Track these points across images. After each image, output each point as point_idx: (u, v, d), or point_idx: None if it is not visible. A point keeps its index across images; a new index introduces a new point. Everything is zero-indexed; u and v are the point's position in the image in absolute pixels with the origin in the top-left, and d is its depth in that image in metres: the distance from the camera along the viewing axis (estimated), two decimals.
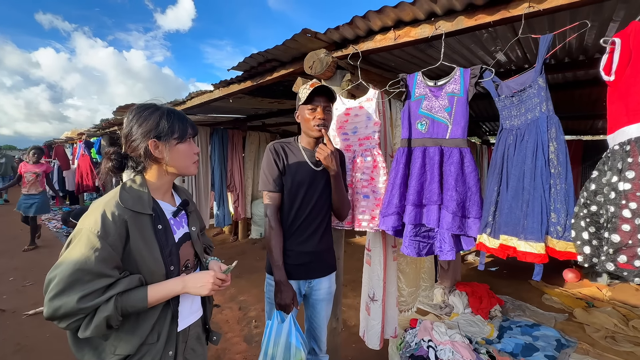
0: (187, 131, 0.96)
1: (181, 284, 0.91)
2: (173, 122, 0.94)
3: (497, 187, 1.27)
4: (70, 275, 0.77)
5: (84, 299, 0.76)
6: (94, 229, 0.80)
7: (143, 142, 0.91)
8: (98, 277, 0.79)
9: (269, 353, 1.35)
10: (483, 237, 1.29)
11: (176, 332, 0.95)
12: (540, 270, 1.14)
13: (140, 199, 0.90)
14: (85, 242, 0.80)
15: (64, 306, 0.76)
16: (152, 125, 0.91)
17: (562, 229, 1.07)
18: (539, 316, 2.92)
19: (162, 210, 0.96)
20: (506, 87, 1.28)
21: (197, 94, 3.12)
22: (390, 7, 1.44)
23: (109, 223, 0.82)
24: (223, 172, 4.75)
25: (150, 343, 0.89)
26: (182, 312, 0.99)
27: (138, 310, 0.84)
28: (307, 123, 1.40)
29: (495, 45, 1.93)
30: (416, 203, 1.46)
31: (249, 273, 3.97)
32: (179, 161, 0.96)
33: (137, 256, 0.86)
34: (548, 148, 1.11)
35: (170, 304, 0.93)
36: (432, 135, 1.47)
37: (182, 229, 1.02)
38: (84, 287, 0.77)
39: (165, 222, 0.94)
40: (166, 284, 0.89)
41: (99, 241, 0.79)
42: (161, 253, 0.90)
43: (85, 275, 0.77)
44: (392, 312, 1.96)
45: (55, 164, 7.72)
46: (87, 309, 0.77)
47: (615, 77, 0.93)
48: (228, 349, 2.40)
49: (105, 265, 0.80)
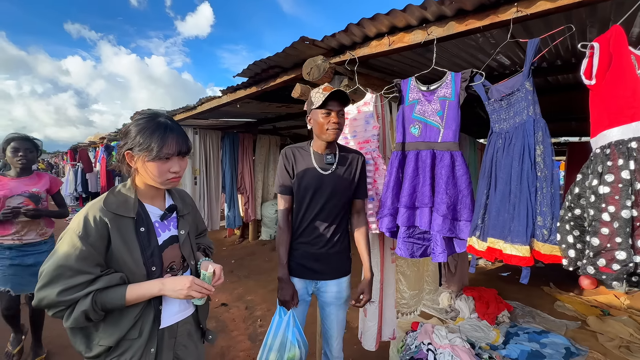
0: (162, 151, 0.95)
1: (159, 286, 0.95)
2: (151, 139, 0.94)
3: (486, 190, 1.27)
4: (54, 271, 0.86)
5: (64, 293, 0.85)
6: (76, 230, 0.89)
7: (124, 148, 0.98)
8: (78, 273, 0.87)
9: (268, 344, 1.41)
10: (473, 239, 1.30)
11: (158, 330, 1.01)
12: (527, 274, 1.14)
13: (125, 202, 0.98)
14: (68, 241, 0.89)
15: (47, 297, 0.86)
16: (132, 136, 0.96)
17: (547, 232, 1.07)
18: (550, 323, 2.84)
19: (148, 213, 1.02)
20: (496, 91, 1.29)
21: (206, 100, 3.24)
22: (383, 15, 1.48)
23: (90, 225, 0.90)
24: (234, 174, 4.88)
25: (132, 338, 0.95)
26: (169, 309, 1.04)
27: (116, 307, 0.91)
28: (321, 127, 1.40)
29: (494, 49, 1.93)
30: (409, 205, 1.48)
31: (257, 274, 4.05)
32: (148, 177, 0.99)
33: (118, 256, 0.93)
34: (535, 151, 1.12)
35: (152, 303, 0.99)
36: (425, 139, 1.49)
37: (169, 232, 1.07)
38: (65, 281, 0.86)
39: (149, 224, 1.00)
40: (144, 285, 0.95)
41: (79, 241, 0.88)
42: (142, 254, 0.96)
43: (67, 271, 0.86)
44: (389, 314, 1.97)
45: (79, 167, 8.13)
46: (67, 301, 0.86)
47: (596, 80, 0.94)
48: (232, 347, 2.48)
49: (85, 263, 0.88)
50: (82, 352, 0.95)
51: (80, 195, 7.38)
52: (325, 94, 1.37)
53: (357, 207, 1.57)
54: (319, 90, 1.42)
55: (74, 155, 9.10)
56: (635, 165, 0.85)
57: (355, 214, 1.57)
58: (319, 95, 1.40)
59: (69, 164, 9.46)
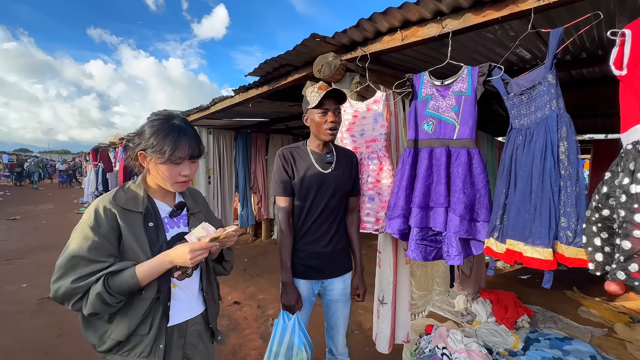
0: (175, 155, 0.96)
1: (167, 257, 0.94)
2: (164, 142, 0.95)
3: (505, 189, 1.21)
4: (68, 262, 0.89)
5: (77, 280, 0.88)
6: (88, 222, 0.93)
7: (137, 148, 0.99)
8: (91, 262, 0.89)
9: (273, 350, 1.40)
10: (490, 241, 1.24)
11: (166, 327, 1.01)
12: (550, 278, 1.08)
13: (134, 198, 1.00)
14: (79, 233, 0.92)
15: (62, 287, 0.88)
16: (145, 137, 0.97)
17: (572, 235, 1.00)
18: (573, 329, 2.70)
19: (157, 209, 1.04)
20: (516, 85, 1.22)
21: (219, 100, 3.27)
22: (395, 8, 1.43)
23: (100, 216, 0.93)
24: (247, 174, 4.92)
25: (142, 334, 0.97)
26: (177, 306, 1.04)
27: (131, 286, 0.91)
28: (319, 127, 1.41)
29: (513, 41, 1.84)
30: (422, 205, 1.43)
31: (269, 272, 4.07)
32: (158, 179, 1.01)
33: (129, 249, 0.96)
34: (558, 148, 1.05)
35: (160, 299, 0.99)
36: (439, 136, 1.43)
37: (178, 228, 1.08)
38: (79, 271, 0.89)
39: (157, 220, 1.02)
40: (152, 261, 0.94)
41: (91, 232, 0.91)
42: (150, 248, 0.97)
43: (81, 261, 0.89)
44: (403, 317, 1.92)
45: (100, 167, 8.41)
46: (80, 288, 0.88)
47: (627, 71, 0.86)
48: (244, 345, 2.49)
49: (97, 253, 0.90)
50: (95, 345, 0.97)
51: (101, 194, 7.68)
52: (320, 93, 1.36)
53: (351, 204, 1.59)
54: (314, 90, 1.41)
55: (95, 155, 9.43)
56: None
57: (349, 212, 1.59)
58: (315, 94, 1.38)
59: (91, 163, 9.82)
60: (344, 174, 1.50)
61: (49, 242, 5.45)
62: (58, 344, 2.49)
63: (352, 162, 1.55)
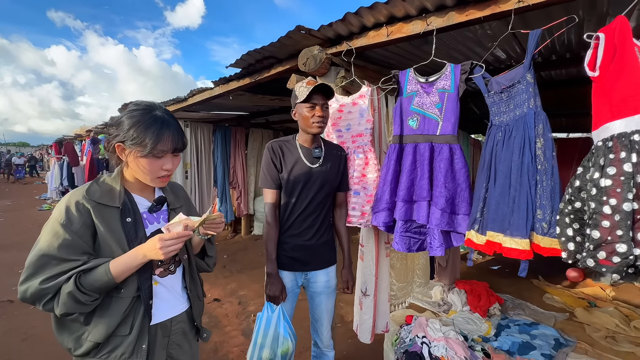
0: (157, 148, 0.90)
1: (140, 251, 0.89)
2: (145, 134, 0.89)
3: (485, 183, 1.27)
4: (37, 261, 0.84)
5: (46, 281, 0.82)
6: (59, 218, 0.86)
7: (114, 140, 0.93)
8: (62, 261, 0.84)
9: (258, 342, 1.39)
10: (471, 233, 1.29)
11: (148, 326, 0.97)
12: (525, 267, 1.14)
13: (110, 191, 0.94)
14: (50, 230, 0.86)
15: (30, 288, 0.83)
16: (124, 128, 0.91)
17: (547, 226, 1.07)
18: (539, 315, 2.89)
19: (136, 204, 0.98)
20: (496, 83, 1.28)
21: (198, 91, 3.16)
22: (382, 3, 1.44)
23: (72, 213, 0.87)
24: (226, 169, 4.81)
25: (122, 335, 0.92)
26: (160, 305, 1.00)
27: (105, 283, 0.85)
28: (306, 121, 1.42)
29: (491, 41, 1.91)
30: (406, 199, 1.47)
31: (249, 269, 4.02)
32: (138, 173, 0.95)
33: (104, 246, 0.90)
34: (535, 144, 1.11)
35: (141, 297, 0.94)
36: (423, 132, 1.47)
37: (158, 224, 1.03)
38: (48, 270, 0.83)
39: (135, 215, 0.96)
40: (125, 256, 0.89)
41: (62, 229, 0.85)
42: (129, 245, 0.92)
43: (51, 260, 0.84)
44: (383, 307, 1.97)
45: (65, 160, 7.89)
46: (49, 288, 0.82)
47: (599, 72, 0.93)
48: (226, 342, 2.45)
49: (68, 252, 0.85)
50: (71, 349, 0.91)
51: (67, 190, 7.18)
52: (309, 87, 1.38)
53: (339, 199, 1.63)
54: (303, 84, 1.43)
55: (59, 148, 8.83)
56: (637, 158, 0.85)
57: (337, 207, 1.63)
58: (303, 89, 1.40)
59: (54, 157, 9.18)
60: (332, 169, 1.51)
61: (6, 241, 5.05)
62: (23, 349, 2.32)
63: (341, 157, 1.57)
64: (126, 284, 0.92)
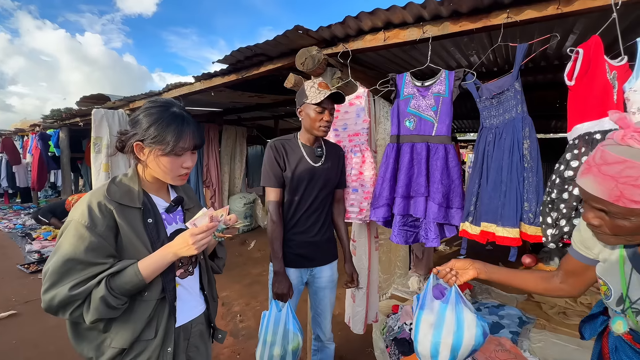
0: (179, 145, 0.89)
1: (169, 249, 0.88)
2: (166, 132, 0.88)
3: (478, 180, 1.40)
4: (62, 266, 0.79)
5: (76, 287, 0.79)
6: (81, 220, 0.82)
7: (133, 139, 0.90)
8: (89, 265, 0.81)
9: (268, 340, 1.40)
10: (466, 224, 1.43)
11: (174, 328, 0.95)
12: (514, 253, 1.30)
13: (129, 192, 0.91)
14: (73, 233, 0.82)
15: (58, 295, 0.78)
16: (143, 126, 0.89)
17: (533, 216, 1.22)
18: (503, 297, 3.22)
19: (155, 204, 0.96)
20: (486, 90, 1.42)
21: (174, 86, 3.02)
22: (382, 10, 1.52)
23: (96, 214, 0.83)
24: (199, 167, 4.63)
25: (148, 339, 0.89)
26: (181, 307, 0.98)
27: (135, 285, 0.83)
28: (313, 123, 1.44)
29: (471, 50, 2.09)
30: (405, 195, 1.57)
31: (228, 269, 3.92)
32: (158, 171, 0.93)
33: (129, 247, 0.87)
34: (522, 145, 1.26)
35: (166, 298, 0.92)
36: (419, 132, 1.58)
37: (176, 224, 1.02)
38: (76, 275, 0.80)
39: (156, 216, 0.94)
40: (154, 255, 0.87)
41: (87, 232, 0.81)
42: (152, 246, 0.90)
43: (77, 265, 0.80)
44: (374, 299, 2.08)
45: (4, 158, 7.01)
46: (79, 294, 0.79)
47: (575, 82, 1.09)
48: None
49: (95, 255, 0.82)
50: (92, 358, 0.87)
51: (6, 191, 6.36)
52: (322, 91, 1.40)
53: (338, 196, 1.67)
54: (314, 85, 1.43)
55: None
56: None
57: (336, 203, 1.67)
58: (315, 90, 1.42)
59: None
60: (333, 167, 1.56)
61: None
62: None
63: (340, 156, 1.62)
64: (150, 286, 0.90)
